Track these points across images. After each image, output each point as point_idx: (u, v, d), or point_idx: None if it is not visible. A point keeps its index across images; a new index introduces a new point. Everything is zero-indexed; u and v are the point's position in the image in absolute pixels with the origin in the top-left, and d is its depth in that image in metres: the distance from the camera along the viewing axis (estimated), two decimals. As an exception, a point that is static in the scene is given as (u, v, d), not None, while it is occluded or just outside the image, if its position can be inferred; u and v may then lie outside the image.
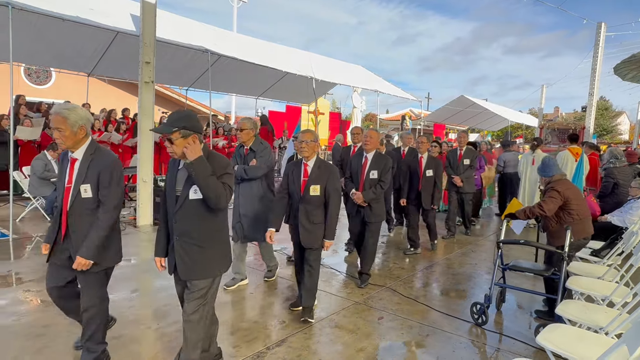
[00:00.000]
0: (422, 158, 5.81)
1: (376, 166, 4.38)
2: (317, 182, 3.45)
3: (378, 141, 4.53)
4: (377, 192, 4.33)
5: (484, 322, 3.57)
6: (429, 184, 5.70)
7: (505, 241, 3.79)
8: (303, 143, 3.47)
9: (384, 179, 4.35)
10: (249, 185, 4.06)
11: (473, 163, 6.74)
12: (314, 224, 3.47)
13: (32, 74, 15.42)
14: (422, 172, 5.71)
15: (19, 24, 7.34)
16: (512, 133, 22.31)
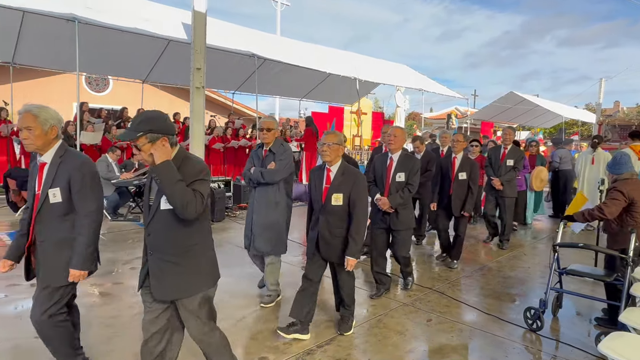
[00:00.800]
0: (455, 159, 5.11)
1: (403, 168, 3.99)
2: (340, 190, 3.07)
3: (404, 140, 4.14)
4: (404, 196, 3.92)
5: (538, 327, 3.45)
6: (461, 188, 5.01)
7: (563, 244, 3.63)
8: (324, 145, 3.09)
9: (412, 182, 3.96)
10: (265, 190, 3.70)
11: (518, 165, 6.00)
12: (336, 237, 3.11)
13: (92, 82, 16.48)
14: (455, 174, 5.06)
15: (82, 37, 7.91)
16: (566, 130, 21.15)
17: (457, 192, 5.02)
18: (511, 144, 6.07)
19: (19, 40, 8.46)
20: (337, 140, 3.11)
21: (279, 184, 3.70)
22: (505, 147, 6.11)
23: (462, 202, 4.99)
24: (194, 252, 2.16)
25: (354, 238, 3.03)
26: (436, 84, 16.17)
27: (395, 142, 4.04)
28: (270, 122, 3.75)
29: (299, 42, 13.31)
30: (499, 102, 18.83)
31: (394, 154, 4.08)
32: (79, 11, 6.76)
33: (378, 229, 4.11)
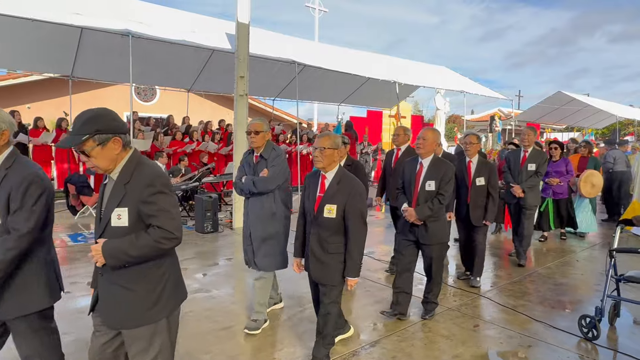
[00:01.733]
0: (470, 163, 4.54)
1: (434, 175, 3.50)
2: (333, 201, 2.69)
3: (435, 143, 3.62)
4: (434, 207, 3.44)
5: (594, 336, 3.29)
6: (480, 195, 4.46)
7: (620, 249, 3.45)
8: (316, 150, 2.71)
9: (443, 191, 3.47)
10: (259, 201, 3.31)
11: (541, 169, 5.30)
12: (329, 253, 2.74)
13: (140, 92, 17.36)
14: (471, 180, 4.50)
15: (134, 50, 8.39)
16: (621, 130, 19.95)
17: (475, 200, 4.47)
18: (532, 146, 5.42)
19: (77, 55, 9.09)
20: (331, 143, 2.71)
21: (274, 192, 3.32)
22: (526, 149, 5.42)
23: (482, 211, 4.48)
24: (152, 275, 1.83)
25: (351, 257, 2.69)
26: (478, 85, 15.77)
27: (424, 146, 3.53)
28: (258, 125, 3.32)
29: (338, 47, 13.43)
30: (545, 103, 18.06)
31: (424, 159, 3.59)
32: (133, 26, 7.18)
33: (405, 241, 3.65)
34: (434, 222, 3.51)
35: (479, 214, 4.48)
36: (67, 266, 4.99)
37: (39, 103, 14.20)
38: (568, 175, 6.33)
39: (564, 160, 6.35)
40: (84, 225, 7.24)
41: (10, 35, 7.76)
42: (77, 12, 6.96)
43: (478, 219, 4.47)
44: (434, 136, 3.58)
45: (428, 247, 3.55)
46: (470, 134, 4.61)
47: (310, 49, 12.01)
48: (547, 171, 6.06)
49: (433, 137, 3.56)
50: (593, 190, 6.90)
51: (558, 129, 24.15)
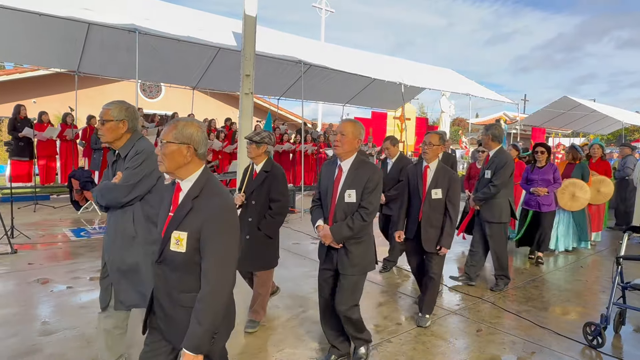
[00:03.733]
0: (427, 169, 3.56)
1: (354, 182, 2.68)
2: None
3: (357, 139, 2.71)
4: (354, 225, 2.63)
5: (599, 344, 3.25)
6: (435, 211, 3.48)
7: (628, 257, 3.41)
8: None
9: (366, 204, 2.64)
10: (114, 218, 2.39)
11: (500, 178, 4.28)
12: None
13: (146, 89, 17.41)
14: (426, 191, 3.52)
15: (140, 46, 8.40)
16: (626, 137, 19.83)
17: (428, 217, 3.47)
18: (498, 149, 4.42)
19: (84, 50, 9.11)
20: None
21: (133, 207, 2.34)
22: (485, 153, 4.58)
23: (437, 232, 3.47)
24: None
25: None
26: (483, 88, 15.71)
27: (342, 144, 2.67)
28: (106, 111, 2.35)
29: (344, 47, 13.41)
30: (551, 107, 17.96)
31: (344, 161, 2.72)
32: (139, 22, 7.18)
33: (324, 270, 2.83)
34: (356, 244, 2.68)
35: (431, 236, 3.48)
36: (69, 261, 4.99)
37: (45, 98, 14.26)
38: (556, 184, 5.46)
39: (551, 166, 5.51)
40: (87, 220, 7.25)
41: (18, 29, 7.78)
42: (85, 7, 6.97)
43: (430, 242, 3.47)
44: (355, 130, 2.67)
45: (347, 279, 2.70)
46: (432, 133, 3.60)
47: (316, 49, 12.00)
48: (531, 179, 5.54)
49: (353, 131, 2.66)
50: (574, 204, 5.88)
51: (563, 134, 24.04)
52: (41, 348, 2.96)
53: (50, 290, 4.07)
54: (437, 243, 3.48)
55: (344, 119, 3.63)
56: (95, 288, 4.11)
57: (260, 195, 3.29)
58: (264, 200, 3.29)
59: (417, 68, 14.68)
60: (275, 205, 3.29)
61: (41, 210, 7.80)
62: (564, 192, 5.88)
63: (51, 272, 4.54)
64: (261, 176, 3.30)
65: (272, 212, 3.28)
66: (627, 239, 3.54)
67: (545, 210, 5.50)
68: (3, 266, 4.69)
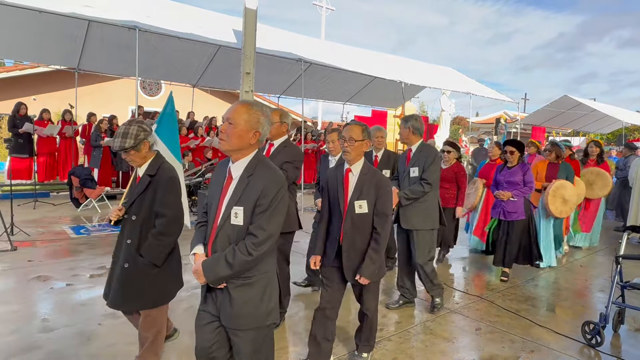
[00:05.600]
0: (349, 173, 2.65)
1: (242, 198, 1.95)
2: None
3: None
4: (234, 260, 1.78)
5: (598, 343, 3.26)
6: (361, 229, 2.63)
7: (627, 256, 3.41)
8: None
9: (252, 230, 1.82)
10: None
11: (433, 174, 3.61)
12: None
13: (146, 87, 17.38)
14: (347, 202, 2.63)
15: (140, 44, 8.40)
16: (626, 136, 19.83)
17: (351, 236, 2.61)
18: (420, 143, 3.76)
19: (84, 48, 9.10)
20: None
21: None
22: (408, 146, 3.86)
23: (360, 257, 2.60)
24: None
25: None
26: (484, 87, 15.71)
27: (228, 138, 1.95)
28: None
29: (345, 45, 13.41)
30: (551, 106, 17.95)
31: (235, 164, 1.92)
32: (140, 19, 7.17)
33: (202, 313, 1.99)
34: (242, 288, 1.86)
35: (354, 262, 2.61)
36: (69, 258, 5.00)
37: (45, 95, 14.25)
38: (526, 188, 4.54)
39: (521, 166, 4.62)
40: (86, 217, 7.25)
41: (18, 26, 7.77)
42: (85, 4, 6.96)
43: (353, 269, 2.61)
44: (250, 119, 1.87)
45: (237, 335, 1.89)
46: (352, 124, 2.71)
47: (316, 47, 11.99)
48: (498, 181, 4.78)
49: (248, 119, 1.86)
50: (565, 208, 5.19)
51: (563, 133, 24.04)
52: (41, 345, 2.97)
53: (50, 287, 4.08)
54: (356, 270, 2.60)
55: (275, 109, 3.38)
56: (94, 285, 4.11)
57: (143, 208, 2.46)
58: (148, 214, 2.47)
59: (418, 66, 14.68)
60: (159, 222, 2.45)
61: (41, 208, 7.80)
62: (555, 196, 5.10)
63: (51, 270, 4.55)
64: (144, 182, 2.47)
65: (155, 232, 2.44)
66: (626, 238, 3.55)
67: (510, 218, 4.60)
68: (3, 263, 4.69)
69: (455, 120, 30.91)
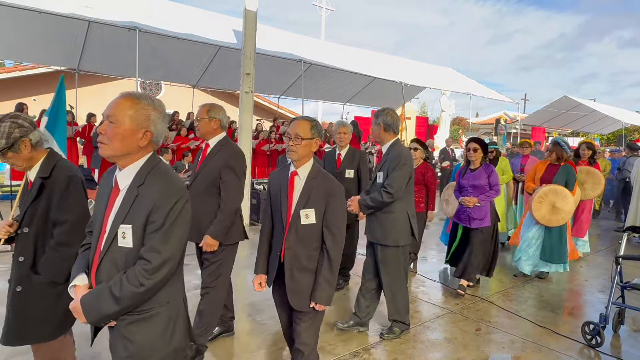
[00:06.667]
0: (294, 176, 2.23)
1: (130, 215, 1.68)
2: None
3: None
4: (121, 294, 1.37)
5: (598, 343, 3.26)
6: (307, 244, 2.19)
7: (627, 256, 3.41)
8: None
9: (143, 255, 1.49)
10: None
11: (395, 181, 3.05)
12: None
13: (146, 88, 17.40)
14: (291, 212, 2.20)
15: (140, 44, 8.41)
16: (627, 137, 19.84)
17: (296, 253, 2.17)
18: (392, 142, 3.24)
19: (84, 48, 9.11)
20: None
21: None
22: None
23: (309, 280, 2.18)
24: None
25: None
26: (484, 87, 15.73)
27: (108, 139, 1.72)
28: None
29: (345, 46, 13.43)
30: (551, 107, 17.98)
31: (121, 172, 1.58)
32: (140, 20, 7.18)
33: None
34: (138, 325, 1.52)
35: (301, 286, 2.17)
36: (69, 259, 4.99)
37: (45, 95, 14.24)
38: (492, 192, 4.18)
39: (485, 168, 4.24)
40: (87, 218, 7.25)
41: (18, 27, 7.78)
42: (85, 5, 6.98)
43: (298, 295, 2.18)
44: (135, 117, 1.53)
45: None
46: (299, 119, 2.25)
47: (316, 47, 12.01)
48: (460, 185, 4.35)
49: (130, 121, 1.52)
50: (554, 217, 4.53)
51: (563, 134, 24.06)
52: (41, 345, 2.96)
53: (50, 287, 4.06)
54: (309, 297, 2.16)
55: (205, 103, 2.95)
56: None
57: (36, 218, 2.03)
58: (43, 224, 2.04)
59: (418, 67, 14.70)
60: (57, 231, 2.02)
61: (41, 208, 7.79)
62: (541, 202, 4.55)
63: (51, 270, 4.54)
64: (35, 187, 2.03)
65: (54, 243, 2.02)
66: (626, 238, 3.55)
67: (475, 225, 4.20)
68: (3, 264, 4.69)
69: (455, 120, 30.94)
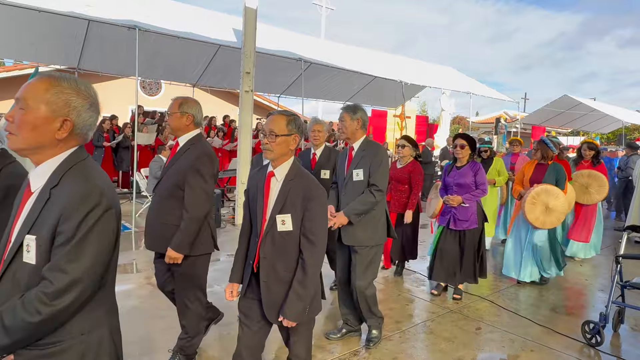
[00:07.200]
0: (271, 177, 2.06)
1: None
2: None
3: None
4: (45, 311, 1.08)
5: (598, 343, 3.26)
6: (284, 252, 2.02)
7: (627, 255, 3.41)
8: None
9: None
10: None
11: (381, 180, 2.97)
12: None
13: (145, 86, 17.37)
14: (266, 217, 2.03)
15: (140, 43, 8.39)
16: (626, 136, 19.83)
17: (270, 260, 2.00)
18: (364, 139, 3.08)
19: (84, 47, 9.09)
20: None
21: None
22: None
23: (282, 289, 2.00)
24: None
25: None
26: (484, 86, 15.71)
27: None
28: None
29: (345, 45, 13.41)
30: (551, 106, 17.96)
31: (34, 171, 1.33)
32: (140, 19, 7.17)
33: None
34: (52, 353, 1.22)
35: (276, 296, 2.00)
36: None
37: (45, 94, 14.21)
38: (478, 191, 3.96)
39: (472, 166, 4.04)
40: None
41: (18, 26, 7.76)
42: (85, 3, 6.97)
43: (275, 306, 2.00)
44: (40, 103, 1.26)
45: None
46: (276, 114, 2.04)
47: (316, 46, 11.99)
48: (445, 183, 4.16)
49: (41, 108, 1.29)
50: (548, 218, 4.32)
51: (563, 133, 24.05)
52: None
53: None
54: (279, 310, 1.99)
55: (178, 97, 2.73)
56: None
57: None
58: None
59: (418, 66, 14.69)
60: None
61: (41, 207, 7.79)
62: (534, 203, 4.31)
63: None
64: None
65: None
66: (626, 237, 3.55)
67: (461, 227, 3.99)
68: (3, 263, 4.69)
69: (455, 119, 30.93)
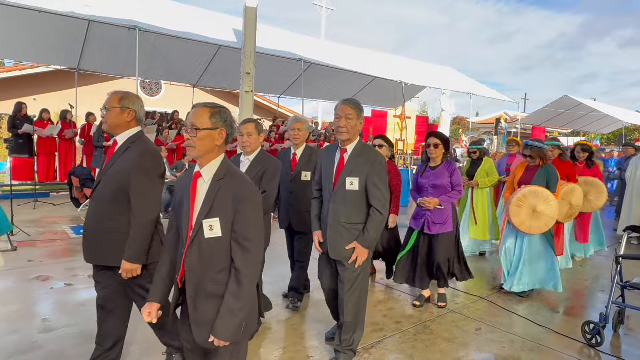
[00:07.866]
0: (197, 177, 1.85)
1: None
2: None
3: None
4: None
5: (598, 343, 3.26)
6: (215, 260, 1.75)
7: (627, 256, 3.41)
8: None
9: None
10: None
11: (386, 193, 2.73)
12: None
13: (145, 87, 17.38)
14: (192, 223, 1.78)
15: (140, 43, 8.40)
16: (626, 136, 19.84)
17: (197, 273, 1.76)
18: (357, 142, 2.82)
19: (84, 47, 9.10)
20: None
21: None
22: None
23: (212, 306, 1.73)
24: None
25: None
26: (484, 87, 15.73)
27: None
28: None
29: (345, 45, 13.41)
30: (551, 106, 17.98)
31: None
32: (140, 19, 7.18)
33: None
34: None
35: (210, 315, 1.73)
36: (69, 258, 5.00)
37: (45, 95, 14.25)
38: (454, 192, 3.76)
39: (447, 165, 3.82)
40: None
41: (18, 26, 7.77)
42: (85, 4, 6.97)
43: (203, 326, 1.74)
44: None
45: None
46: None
47: (316, 46, 12.00)
48: (419, 184, 3.90)
49: None
50: (535, 223, 3.99)
51: (563, 133, 24.05)
52: (41, 345, 2.97)
53: (49, 287, 4.07)
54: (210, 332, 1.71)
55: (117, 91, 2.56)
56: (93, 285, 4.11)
57: None
58: None
59: (418, 66, 14.70)
60: None
61: (41, 208, 7.79)
62: (520, 206, 3.99)
63: (51, 269, 4.54)
64: None
65: None
66: (626, 237, 3.55)
67: (436, 231, 3.77)
68: (3, 263, 4.69)
69: (455, 120, 30.93)
